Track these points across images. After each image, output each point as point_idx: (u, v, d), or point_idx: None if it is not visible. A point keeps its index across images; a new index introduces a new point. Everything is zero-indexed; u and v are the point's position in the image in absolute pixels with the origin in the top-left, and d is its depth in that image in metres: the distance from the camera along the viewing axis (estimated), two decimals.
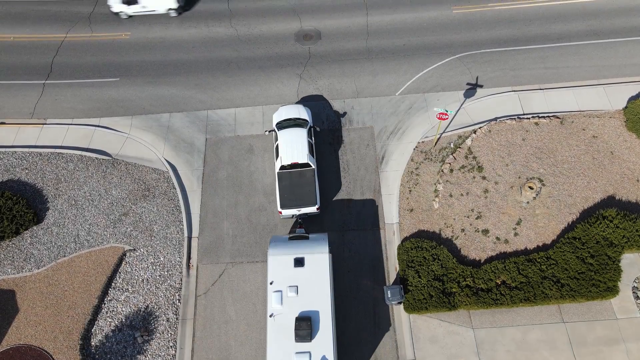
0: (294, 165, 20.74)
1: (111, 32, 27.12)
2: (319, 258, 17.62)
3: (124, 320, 19.34)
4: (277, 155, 21.19)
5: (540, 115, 23.07)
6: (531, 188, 20.38)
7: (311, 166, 20.87)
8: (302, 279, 17.33)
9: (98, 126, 24.23)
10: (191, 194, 22.38)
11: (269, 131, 22.74)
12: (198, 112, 24.50)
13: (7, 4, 28.21)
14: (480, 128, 22.84)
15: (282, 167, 20.78)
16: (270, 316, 16.90)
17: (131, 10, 26.86)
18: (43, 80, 25.58)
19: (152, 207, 21.85)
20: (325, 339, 16.39)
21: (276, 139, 21.72)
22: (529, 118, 22.95)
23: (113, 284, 20.12)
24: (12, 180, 22.38)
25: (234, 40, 26.66)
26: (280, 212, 20.51)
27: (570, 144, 22.09)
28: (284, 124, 22.09)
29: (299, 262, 17.55)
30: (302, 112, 22.58)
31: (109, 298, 19.80)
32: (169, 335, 19.12)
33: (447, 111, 20.27)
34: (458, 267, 19.10)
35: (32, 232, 21.18)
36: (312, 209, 20.41)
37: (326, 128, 23.82)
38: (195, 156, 23.34)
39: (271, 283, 17.45)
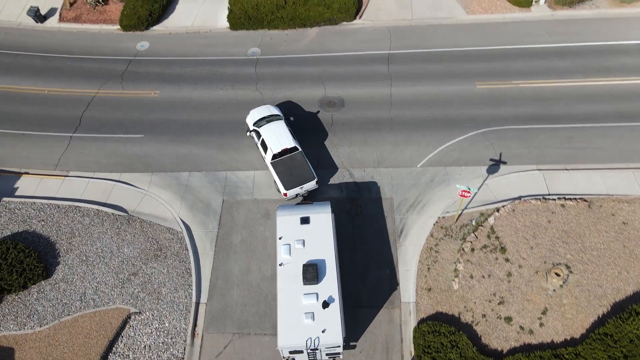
0: (284, 152, 22.79)
1: (141, 90, 27.96)
2: (322, 217, 19.61)
3: None
4: (266, 149, 23.18)
5: (567, 196, 22.33)
6: (558, 275, 19.32)
7: (299, 149, 22.97)
8: (308, 234, 19.16)
9: (118, 181, 24.38)
10: (203, 256, 21.90)
11: (250, 132, 24.48)
12: (217, 173, 24.52)
13: (45, 58, 29.57)
14: (503, 207, 22.15)
15: (274, 156, 22.75)
16: (280, 265, 18.57)
17: None
18: (71, 133, 26.19)
19: (162, 269, 21.36)
20: (330, 281, 17.99)
21: (259, 136, 23.70)
22: (554, 199, 22.22)
23: (114, 348, 19.32)
24: (27, 232, 22.33)
25: (258, 103, 27.08)
26: (285, 194, 22.20)
27: (599, 230, 21.13)
28: (261, 123, 24.07)
29: (305, 221, 19.48)
30: (273, 110, 24.93)
31: None
32: None
33: (469, 189, 19.76)
34: (478, 357, 17.81)
35: (39, 286, 20.79)
36: (312, 183, 22.44)
37: (345, 197, 23.46)
38: (210, 217, 23.07)
39: (280, 238, 19.22)
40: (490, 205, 22.47)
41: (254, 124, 24.34)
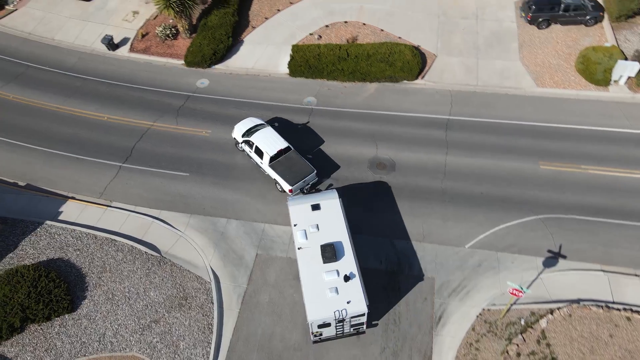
0: (279, 154, 24.24)
1: (194, 127, 28.12)
2: (331, 202, 21.07)
3: None
4: (261, 155, 24.48)
5: (635, 308, 19.79)
6: None
7: (292, 148, 24.63)
8: (321, 219, 20.47)
9: (157, 218, 24.23)
10: (227, 312, 21.02)
11: (240, 144, 25.73)
12: (255, 224, 23.86)
13: (111, 86, 30.58)
14: (559, 309, 19.90)
15: (272, 159, 24.10)
16: (299, 249, 19.76)
17: None
18: (121, 162, 26.57)
19: (184, 320, 20.64)
20: (348, 259, 19.26)
21: (251, 145, 25.03)
22: (619, 309, 19.73)
23: None
24: (61, 260, 22.41)
25: (306, 153, 26.43)
26: (291, 190, 23.41)
27: None
28: (249, 133, 25.36)
29: (316, 207, 20.85)
30: (256, 120, 26.42)
31: None
32: None
33: (522, 289, 17.82)
34: None
35: (62, 320, 20.59)
36: (312, 175, 23.97)
37: (383, 269, 22.02)
38: (241, 271, 22.30)
39: (295, 225, 20.45)
40: (543, 304, 20.29)
41: (242, 136, 25.50)
